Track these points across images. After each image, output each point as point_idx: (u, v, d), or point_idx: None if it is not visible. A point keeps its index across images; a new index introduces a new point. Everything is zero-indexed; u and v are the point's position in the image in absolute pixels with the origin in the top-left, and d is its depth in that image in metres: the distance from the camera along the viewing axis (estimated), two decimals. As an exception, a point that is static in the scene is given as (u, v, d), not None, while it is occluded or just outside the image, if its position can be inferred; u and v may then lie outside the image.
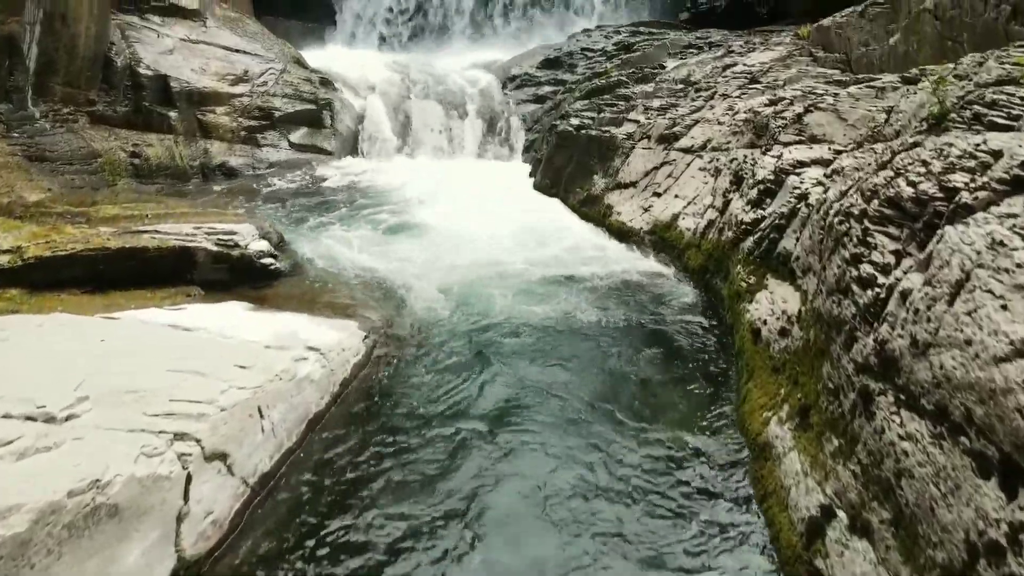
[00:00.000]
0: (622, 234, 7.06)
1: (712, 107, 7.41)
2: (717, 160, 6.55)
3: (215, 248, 5.61)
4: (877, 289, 2.39)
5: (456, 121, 11.02)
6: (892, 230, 2.48)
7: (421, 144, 10.90)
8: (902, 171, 2.57)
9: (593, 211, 7.63)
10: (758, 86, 7.29)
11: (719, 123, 7.06)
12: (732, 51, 8.72)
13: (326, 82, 11.59)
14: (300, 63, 11.77)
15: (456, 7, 14.05)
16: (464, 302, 5.32)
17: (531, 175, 9.48)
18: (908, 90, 4.71)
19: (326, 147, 10.97)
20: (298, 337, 4.04)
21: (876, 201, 2.62)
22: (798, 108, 5.52)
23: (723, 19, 11.86)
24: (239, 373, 3.36)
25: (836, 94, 5.35)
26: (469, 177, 9.34)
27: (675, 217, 6.57)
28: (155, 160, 9.21)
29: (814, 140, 5.22)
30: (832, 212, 3.00)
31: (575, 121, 8.58)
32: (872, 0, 6.42)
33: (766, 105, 6.00)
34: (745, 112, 6.60)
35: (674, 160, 7.20)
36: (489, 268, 6.15)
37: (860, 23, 6.44)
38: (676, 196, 6.82)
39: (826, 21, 7.27)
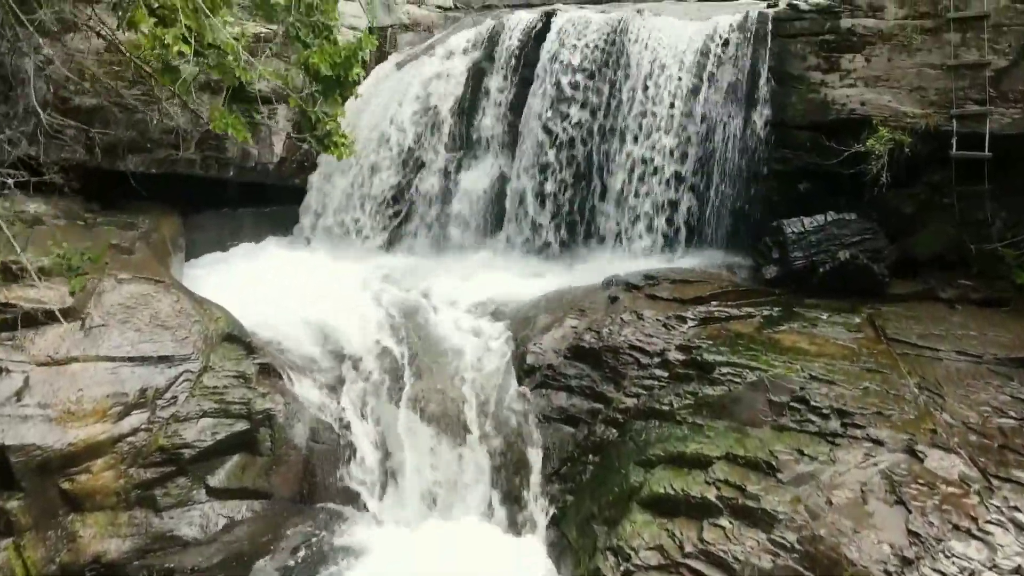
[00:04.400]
0: None
1: None
2: None
3: None
4: None
5: (453, 453, 7.66)
6: None
7: (406, 491, 7.58)
8: None
9: None
10: None
11: None
12: (898, 476, 5.32)
13: (267, 370, 8.16)
14: (233, 337, 8.32)
15: (458, 211, 10.71)
16: None
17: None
18: None
19: (263, 488, 7.57)
20: None
21: None
22: None
23: (827, 282, 8.50)
24: None
25: None
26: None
27: None
28: (-30, 608, 5.85)
29: None
30: None
31: (643, 609, 5.20)
32: None
33: None
34: None
35: None
36: None
37: None
38: None
39: None
